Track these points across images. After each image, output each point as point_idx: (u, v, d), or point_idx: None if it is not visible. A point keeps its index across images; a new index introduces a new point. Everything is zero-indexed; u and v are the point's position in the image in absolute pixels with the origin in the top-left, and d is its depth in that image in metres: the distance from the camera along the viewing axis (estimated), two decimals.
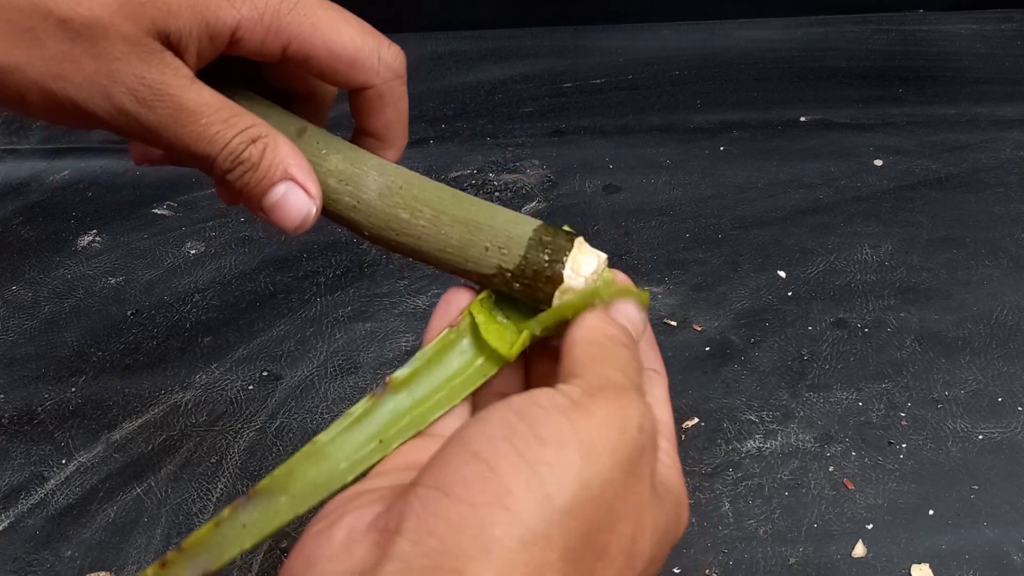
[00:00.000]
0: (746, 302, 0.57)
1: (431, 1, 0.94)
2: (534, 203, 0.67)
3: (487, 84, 0.84)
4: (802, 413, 0.49)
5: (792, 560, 0.42)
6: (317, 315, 0.57)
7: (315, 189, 0.29)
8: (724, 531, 0.43)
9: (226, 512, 0.26)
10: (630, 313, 0.29)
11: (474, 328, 0.29)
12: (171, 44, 0.27)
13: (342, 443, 0.28)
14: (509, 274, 0.30)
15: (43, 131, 0.76)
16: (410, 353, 0.53)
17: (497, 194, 0.68)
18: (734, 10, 0.95)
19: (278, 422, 0.50)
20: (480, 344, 0.29)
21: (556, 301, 0.29)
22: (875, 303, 0.57)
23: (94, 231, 0.65)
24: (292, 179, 0.29)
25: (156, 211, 0.67)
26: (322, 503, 0.26)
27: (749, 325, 0.55)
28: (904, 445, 0.47)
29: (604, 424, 0.22)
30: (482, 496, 0.20)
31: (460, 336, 0.30)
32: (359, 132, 0.34)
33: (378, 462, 0.27)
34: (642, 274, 0.60)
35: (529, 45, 0.91)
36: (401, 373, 0.29)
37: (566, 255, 0.30)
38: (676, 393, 0.50)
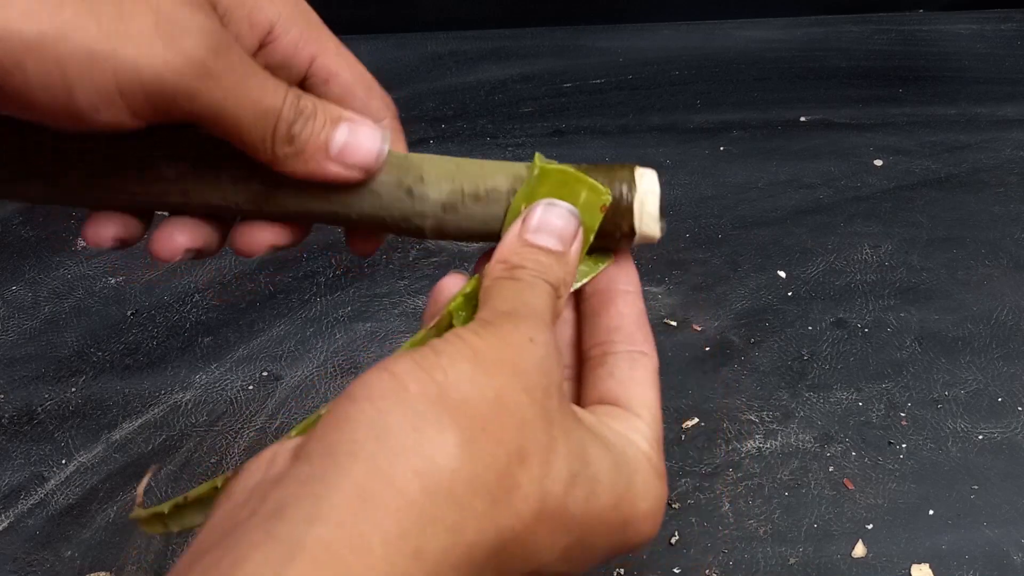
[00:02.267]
0: (746, 302, 0.57)
1: (431, 1, 0.94)
2: None
3: (487, 84, 0.84)
4: (802, 413, 0.49)
5: (792, 560, 0.42)
6: (317, 315, 0.57)
7: (372, 122, 0.28)
8: (724, 531, 0.43)
9: (219, 481, 0.27)
10: (552, 223, 0.27)
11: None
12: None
13: None
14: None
15: None
16: None
17: None
18: (734, 10, 0.95)
19: (278, 422, 0.50)
20: None
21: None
22: (875, 303, 0.57)
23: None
24: (350, 120, 0.27)
25: (156, 211, 0.67)
26: None
27: (749, 325, 0.55)
28: (904, 445, 0.47)
29: (495, 342, 0.23)
30: (379, 392, 0.21)
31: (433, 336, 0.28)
32: None
33: None
34: (642, 274, 0.59)
35: (529, 45, 0.91)
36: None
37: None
38: (676, 393, 0.50)
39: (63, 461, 0.48)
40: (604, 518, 0.24)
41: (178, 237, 0.29)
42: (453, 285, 0.29)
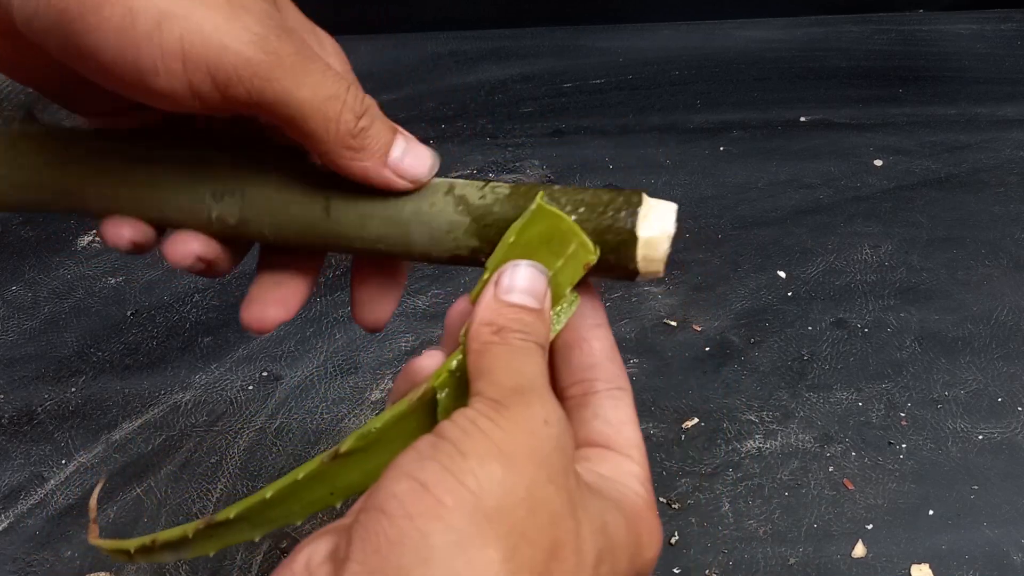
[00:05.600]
0: (746, 302, 0.57)
1: (431, 1, 0.94)
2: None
3: (487, 84, 0.84)
4: (802, 413, 0.49)
5: (792, 560, 0.42)
6: (317, 315, 0.57)
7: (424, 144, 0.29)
8: (724, 531, 0.43)
9: (189, 530, 0.27)
10: (523, 282, 0.27)
11: (431, 406, 0.27)
12: None
13: (293, 496, 0.28)
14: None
15: None
16: (409, 354, 0.53)
17: None
18: (734, 10, 0.95)
19: (278, 422, 0.50)
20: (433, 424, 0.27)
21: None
22: (875, 303, 0.57)
23: (94, 231, 0.65)
24: (403, 134, 0.28)
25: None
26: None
27: (749, 325, 0.55)
28: (904, 445, 0.47)
29: (514, 431, 0.23)
30: (416, 509, 0.21)
31: (414, 412, 0.27)
32: None
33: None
34: None
35: (529, 45, 0.91)
36: (347, 446, 0.28)
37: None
38: (676, 393, 0.50)
39: (63, 461, 0.48)
40: (600, 558, 0.25)
41: (192, 244, 0.29)
42: (429, 366, 0.28)
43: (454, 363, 0.27)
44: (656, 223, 0.28)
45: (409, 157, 0.27)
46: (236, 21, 0.23)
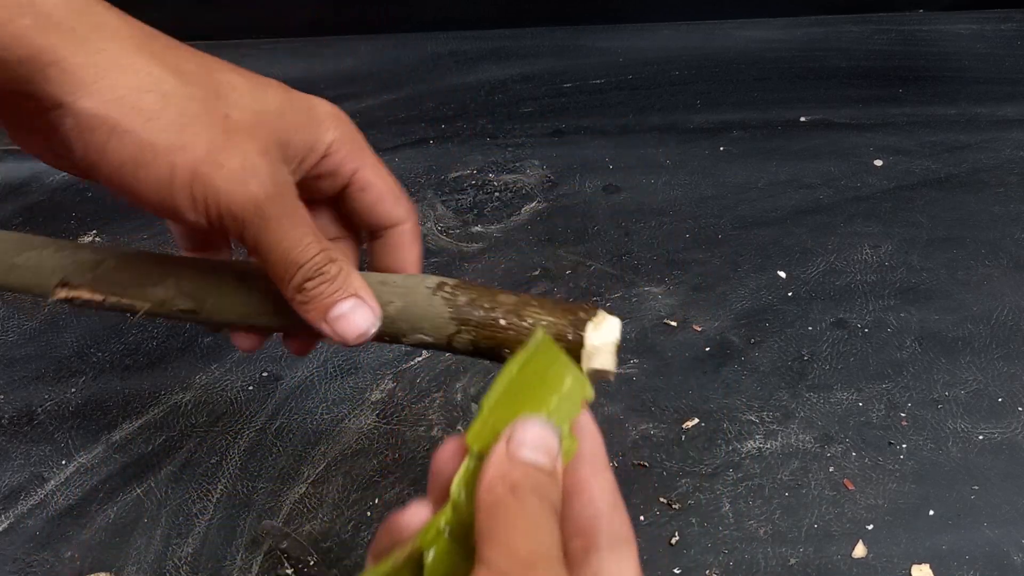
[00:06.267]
0: (746, 302, 0.57)
1: (431, 1, 0.94)
2: (534, 203, 0.67)
3: (487, 84, 0.84)
4: (802, 413, 0.49)
5: (792, 561, 0.42)
6: None
7: (378, 310, 0.34)
8: (724, 532, 0.43)
9: None
10: (536, 439, 0.26)
11: (417, 569, 0.26)
12: (286, 156, 0.32)
13: None
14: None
15: None
16: (410, 355, 0.53)
17: (497, 194, 0.68)
18: (734, 10, 0.95)
19: (278, 423, 0.50)
20: None
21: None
22: (875, 303, 0.57)
23: (94, 231, 0.65)
24: (360, 297, 0.33)
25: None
26: None
27: (749, 325, 0.55)
28: (904, 445, 0.47)
29: None
30: None
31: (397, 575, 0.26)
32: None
33: None
34: (642, 274, 0.60)
35: (529, 45, 0.91)
36: None
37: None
38: (676, 393, 0.50)
39: (63, 462, 0.48)
40: None
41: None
42: (414, 522, 0.27)
43: (443, 521, 0.25)
44: (601, 337, 0.33)
45: (342, 321, 0.33)
46: (245, 187, 0.30)
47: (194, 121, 0.29)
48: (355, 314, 0.33)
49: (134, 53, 0.28)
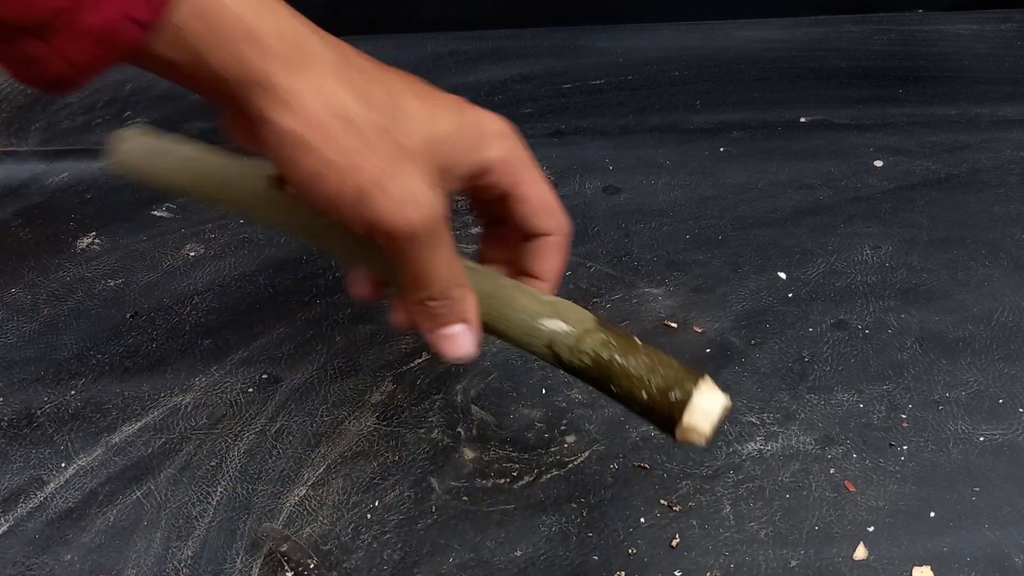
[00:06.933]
0: (746, 303, 0.57)
1: (431, 1, 0.93)
2: None
3: (487, 84, 0.84)
4: (803, 415, 0.49)
5: (793, 563, 0.42)
6: (317, 317, 0.57)
7: (479, 339, 0.38)
8: (725, 533, 0.43)
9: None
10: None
11: None
12: (449, 178, 0.35)
13: None
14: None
15: (42, 133, 0.76)
16: (410, 356, 0.53)
17: None
18: (734, 10, 0.95)
19: (278, 424, 0.50)
20: None
21: None
22: (876, 304, 0.57)
23: (93, 233, 0.65)
24: (470, 324, 0.37)
25: (155, 213, 0.67)
26: None
27: (749, 327, 0.55)
28: (905, 447, 0.47)
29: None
30: None
31: None
32: (522, 274, 0.41)
33: None
34: (642, 276, 0.59)
35: (529, 45, 0.91)
36: None
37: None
38: None
39: (62, 464, 0.48)
40: None
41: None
42: None
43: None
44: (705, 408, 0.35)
45: (448, 341, 0.37)
46: (402, 213, 0.33)
47: (369, 146, 0.32)
48: (461, 338, 0.37)
49: (332, 80, 0.32)
